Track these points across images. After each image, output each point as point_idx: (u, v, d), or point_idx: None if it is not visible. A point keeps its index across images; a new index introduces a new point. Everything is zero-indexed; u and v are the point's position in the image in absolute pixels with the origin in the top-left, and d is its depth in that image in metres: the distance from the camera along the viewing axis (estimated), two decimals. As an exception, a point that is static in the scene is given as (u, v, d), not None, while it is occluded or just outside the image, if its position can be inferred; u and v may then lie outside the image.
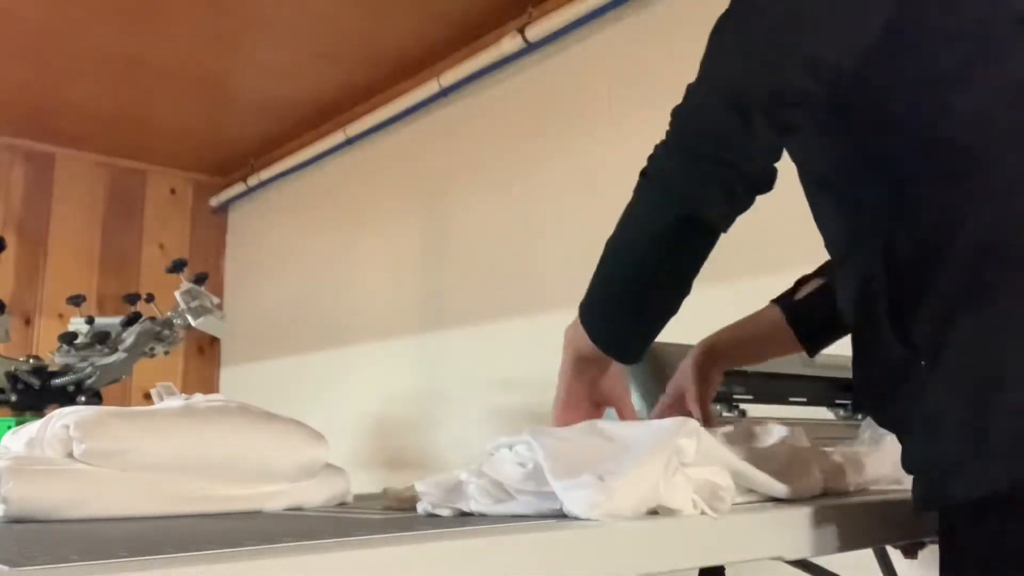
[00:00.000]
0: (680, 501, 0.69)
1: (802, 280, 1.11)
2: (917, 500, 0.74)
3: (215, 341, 3.75)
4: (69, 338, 2.02)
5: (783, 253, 1.70)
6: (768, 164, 0.75)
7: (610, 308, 0.81)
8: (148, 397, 1.09)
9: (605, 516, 0.64)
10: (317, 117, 3.18)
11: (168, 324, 2.07)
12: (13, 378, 1.96)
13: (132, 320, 2.04)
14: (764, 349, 1.12)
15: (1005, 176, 0.72)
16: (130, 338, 2.02)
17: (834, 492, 0.88)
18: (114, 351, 2.02)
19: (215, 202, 3.85)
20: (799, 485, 0.82)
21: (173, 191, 3.82)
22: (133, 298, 2.17)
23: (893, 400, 0.77)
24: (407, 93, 2.80)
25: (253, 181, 3.58)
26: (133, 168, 3.70)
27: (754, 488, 0.79)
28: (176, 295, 2.08)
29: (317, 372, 3.21)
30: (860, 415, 1.25)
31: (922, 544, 1.14)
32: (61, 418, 0.85)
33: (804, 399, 1.22)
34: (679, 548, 0.68)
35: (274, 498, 0.90)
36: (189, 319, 2.05)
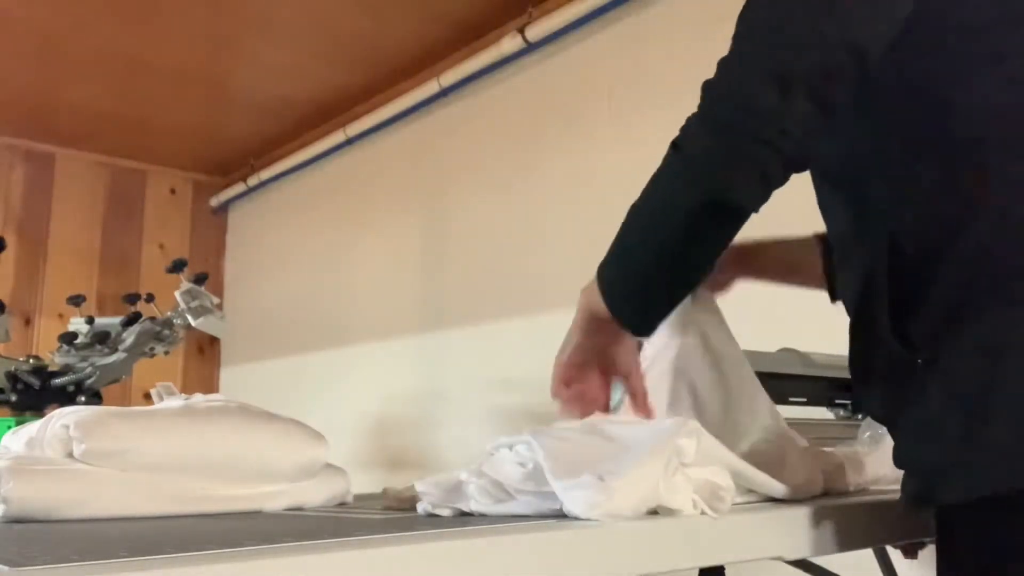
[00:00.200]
0: (680, 501, 0.69)
1: None
2: (908, 498, 0.75)
3: (215, 341, 3.75)
4: (69, 338, 2.02)
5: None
6: (804, 141, 0.72)
7: (629, 283, 0.80)
8: (148, 397, 1.09)
9: (605, 516, 0.64)
10: (317, 117, 3.17)
11: (168, 324, 2.07)
12: (13, 378, 1.96)
13: (132, 320, 2.04)
14: (788, 270, 1.09)
15: (1008, 179, 0.71)
16: (130, 338, 2.02)
17: (834, 492, 0.88)
18: (114, 351, 2.02)
19: (215, 202, 3.85)
20: (799, 485, 0.82)
21: (173, 191, 3.82)
22: (133, 298, 2.17)
23: (890, 397, 0.77)
24: (407, 93, 2.80)
25: (253, 181, 3.58)
26: (133, 168, 3.70)
27: (754, 488, 0.79)
28: (176, 295, 2.08)
29: (317, 372, 3.21)
30: (860, 415, 1.25)
31: (922, 544, 1.14)
32: (61, 418, 0.85)
33: (804, 399, 1.21)
34: (679, 548, 0.68)
35: (274, 498, 0.90)
36: (189, 319, 2.05)
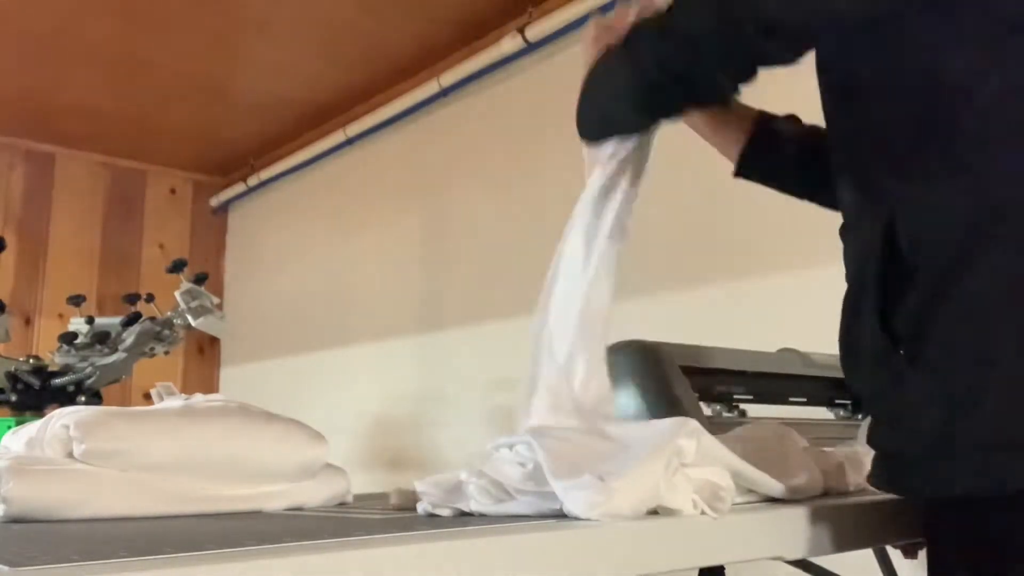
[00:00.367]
0: (680, 501, 0.69)
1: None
2: (875, 479, 0.75)
3: (215, 341, 3.75)
4: (69, 338, 2.02)
5: (783, 253, 1.70)
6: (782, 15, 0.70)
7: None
8: (148, 397, 1.09)
9: (605, 516, 0.65)
10: (317, 117, 3.17)
11: (168, 324, 2.07)
12: (13, 378, 1.96)
13: (132, 320, 2.04)
14: (715, 124, 1.05)
15: (1010, 176, 0.69)
16: (130, 338, 2.02)
17: (834, 492, 0.88)
18: (114, 351, 2.02)
19: (215, 202, 3.85)
20: (799, 485, 0.82)
21: (173, 191, 3.82)
22: (133, 298, 2.17)
23: (872, 379, 0.76)
24: (407, 93, 2.80)
25: (253, 181, 3.58)
26: (133, 168, 3.70)
27: (754, 488, 0.79)
28: (176, 295, 2.08)
29: (317, 372, 3.21)
30: (860, 415, 1.25)
31: (922, 544, 1.14)
32: (61, 418, 0.85)
33: (804, 399, 1.21)
34: (679, 548, 0.68)
35: (274, 498, 0.90)
36: (189, 319, 2.05)
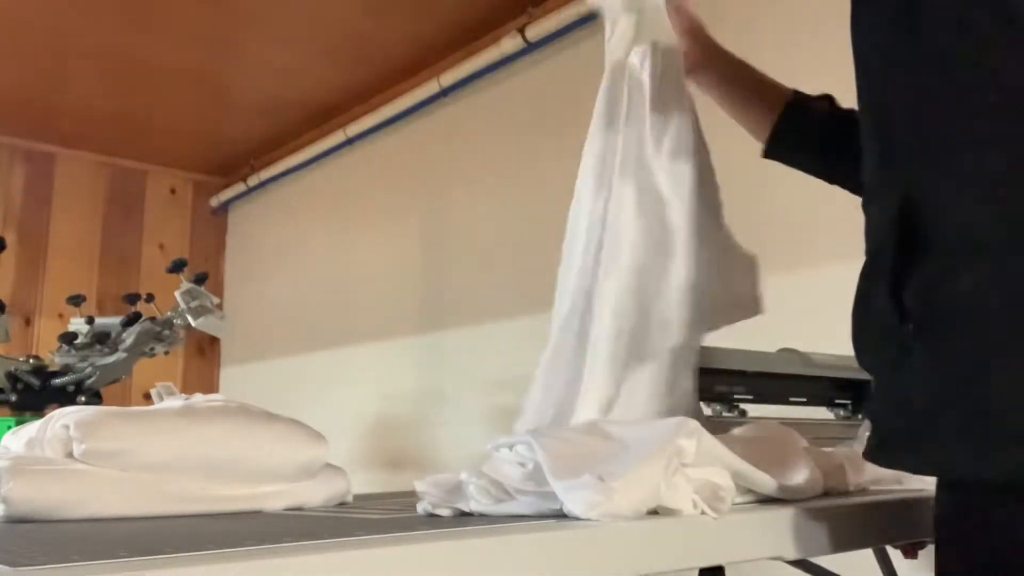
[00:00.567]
0: (680, 501, 0.69)
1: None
2: (867, 452, 0.75)
3: (215, 341, 3.75)
4: (69, 338, 2.02)
5: (783, 253, 1.70)
6: None
7: None
8: (148, 397, 1.09)
9: (605, 516, 0.64)
10: (317, 117, 3.18)
11: (168, 324, 2.07)
12: (13, 378, 1.96)
13: (132, 320, 2.04)
14: (742, 96, 1.10)
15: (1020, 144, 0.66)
16: (130, 338, 2.02)
17: (834, 492, 0.88)
18: (114, 351, 2.02)
19: (215, 202, 3.85)
20: (799, 485, 0.82)
21: (173, 191, 3.82)
22: (133, 298, 2.17)
23: (878, 351, 0.75)
24: (407, 93, 2.80)
25: (253, 181, 3.58)
26: (133, 168, 3.70)
27: (754, 488, 0.79)
28: (176, 295, 2.08)
29: (317, 372, 3.21)
30: (860, 415, 1.25)
31: (922, 544, 1.14)
32: (61, 418, 0.85)
33: (804, 399, 1.21)
34: (679, 548, 0.68)
35: (274, 498, 0.90)
36: (189, 319, 2.05)
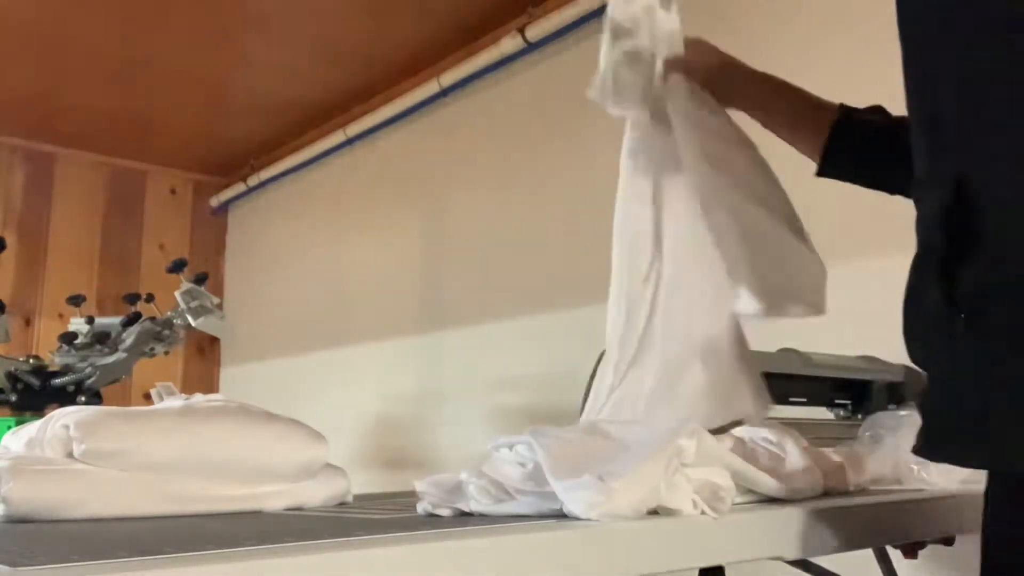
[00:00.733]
0: (680, 501, 0.69)
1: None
2: (918, 447, 0.72)
3: (215, 341, 3.75)
4: (69, 338, 2.02)
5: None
6: None
7: None
8: (148, 397, 1.09)
9: (605, 516, 0.64)
10: (317, 117, 3.18)
11: (168, 324, 2.07)
12: (13, 378, 1.96)
13: (132, 320, 2.04)
14: (781, 113, 1.01)
15: None
16: (130, 338, 2.02)
17: (834, 492, 0.88)
18: (114, 351, 2.02)
19: (215, 202, 3.85)
20: (799, 485, 0.82)
21: (173, 191, 3.82)
22: (133, 298, 2.17)
23: (928, 347, 0.74)
24: (407, 93, 2.80)
25: (253, 181, 3.58)
26: (133, 168, 3.70)
27: (754, 488, 0.79)
28: (176, 295, 2.08)
29: (317, 372, 3.21)
30: (860, 415, 1.25)
31: (922, 544, 1.14)
32: (61, 418, 0.85)
33: (804, 399, 1.21)
34: (679, 548, 0.68)
35: (274, 498, 0.90)
36: (189, 319, 2.05)
